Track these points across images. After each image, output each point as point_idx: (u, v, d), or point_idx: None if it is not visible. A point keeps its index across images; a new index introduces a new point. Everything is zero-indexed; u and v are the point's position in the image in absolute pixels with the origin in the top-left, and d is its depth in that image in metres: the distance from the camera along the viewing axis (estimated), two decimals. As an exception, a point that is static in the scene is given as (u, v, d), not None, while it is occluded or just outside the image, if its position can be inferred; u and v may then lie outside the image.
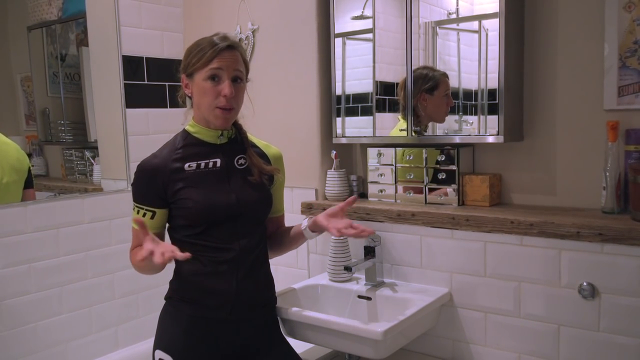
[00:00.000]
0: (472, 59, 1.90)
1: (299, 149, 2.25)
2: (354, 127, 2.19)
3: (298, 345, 1.82)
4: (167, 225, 1.61)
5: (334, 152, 2.19)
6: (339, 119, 2.21)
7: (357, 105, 2.17)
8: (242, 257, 1.57)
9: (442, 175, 1.98)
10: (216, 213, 1.54)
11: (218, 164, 1.59)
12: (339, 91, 2.20)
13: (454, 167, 1.96)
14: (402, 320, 1.67)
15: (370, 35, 2.10)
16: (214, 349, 1.57)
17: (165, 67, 2.56)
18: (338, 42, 2.18)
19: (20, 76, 2.30)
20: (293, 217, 2.06)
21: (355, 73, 2.17)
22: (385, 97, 2.10)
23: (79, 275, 2.27)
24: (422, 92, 1.99)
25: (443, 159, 1.98)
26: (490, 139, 1.85)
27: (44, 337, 2.16)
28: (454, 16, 1.95)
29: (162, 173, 1.54)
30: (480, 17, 1.86)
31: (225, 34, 1.57)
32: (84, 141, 2.42)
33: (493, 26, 1.80)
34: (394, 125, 2.11)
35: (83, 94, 2.42)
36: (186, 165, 1.56)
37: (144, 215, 1.55)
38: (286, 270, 2.31)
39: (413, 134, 2.02)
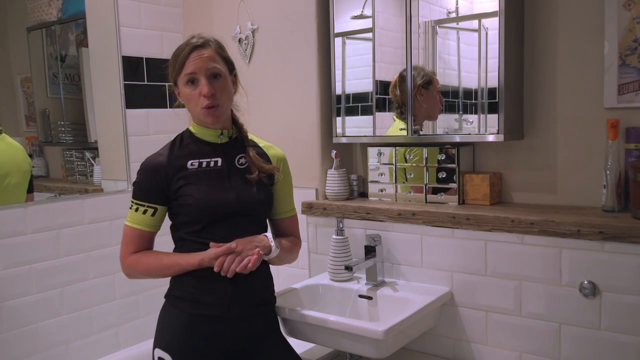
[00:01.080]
0: (472, 58, 1.89)
1: (299, 149, 2.25)
2: (354, 127, 2.19)
3: (299, 345, 1.82)
4: (170, 222, 1.63)
5: (334, 151, 2.19)
6: (339, 119, 2.21)
7: (357, 104, 2.17)
8: (240, 256, 1.57)
9: (442, 174, 1.98)
10: (215, 211, 1.55)
11: (219, 163, 1.60)
12: (338, 91, 2.20)
13: (454, 166, 1.96)
14: (403, 319, 1.67)
15: (370, 35, 2.10)
16: (212, 347, 1.57)
17: (165, 67, 2.55)
18: (338, 41, 2.18)
19: (20, 77, 2.30)
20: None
21: (355, 72, 2.17)
22: (385, 97, 2.10)
23: (79, 276, 2.27)
24: (419, 87, 1.99)
25: (443, 158, 1.98)
26: (491, 138, 1.85)
27: (45, 338, 2.16)
28: (453, 15, 1.95)
29: (167, 170, 1.56)
30: (480, 16, 1.86)
31: (199, 34, 1.59)
32: (84, 142, 2.42)
33: (493, 25, 1.80)
34: (390, 125, 2.11)
35: (83, 94, 2.42)
36: (189, 164, 1.58)
37: (145, 212, 1.56)
38: (287, 270, 2.31)
39: (413, 133, 2.02)
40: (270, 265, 1.69)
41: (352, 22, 2.15)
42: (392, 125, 2.10)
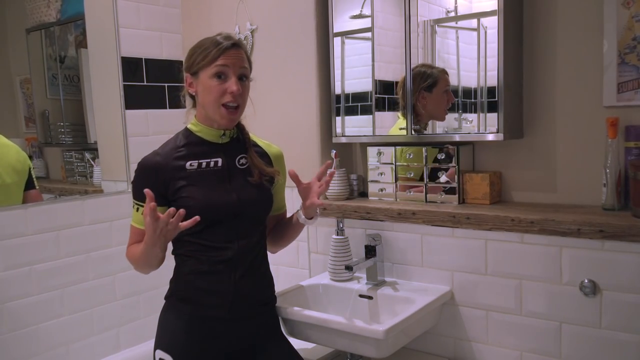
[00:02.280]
0: (471, 57, 1.89)
1: (299, 149, 2.25)
2: (353, 126, 2.19)
3: (299, 345, 1.82)
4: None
5: (334, 151, 2.18)
6: (338, 118, 2.21)
7: (357, 104, 2.16)
8: (241, 257, 1.57)
9: (442, 174, 1.98)
10: (216, 212, 1.54)
11: (219, 164, 1.59)
12: (338, 90, 2.20)
13: (454, 165, 1.96)
14: (403, 319, 1.67)
15: (369, 34, 2.10)
16: (214, 348, 1.57)
17: (164, 68, 2.55)
18: (337, 41, 2.18)
19: (19, 78, 2.30)
20: (293, 217, 2.06)
21: (355, 72, 2.17)
22: (384, 96, 2.10)
23: (80, 277, 2.27)
24: (421, 91, 1.99)
25: (443, 157, 1.98)
26: (490, 137, 1.85)
27: (46, 339, 2.16)
28: (452, 14, 1.95)
29: (163, 170, 1.54)
30: (479, 15, 1.86)
31: (229, 33, 1.58)
32: (83, 143, 2.42)
33: (492, 24, 1.80)
34: (394, 123, 2.11)
35: (82, 95, 2.42)
36: (188, 164, 1.56)
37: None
38: (287, 270, 2.31)
39: (412, 132, 2.02)
40: (271, 266, 1.70)
41: (351, 22, 2.15)
42: (396, 124, 2.10)
